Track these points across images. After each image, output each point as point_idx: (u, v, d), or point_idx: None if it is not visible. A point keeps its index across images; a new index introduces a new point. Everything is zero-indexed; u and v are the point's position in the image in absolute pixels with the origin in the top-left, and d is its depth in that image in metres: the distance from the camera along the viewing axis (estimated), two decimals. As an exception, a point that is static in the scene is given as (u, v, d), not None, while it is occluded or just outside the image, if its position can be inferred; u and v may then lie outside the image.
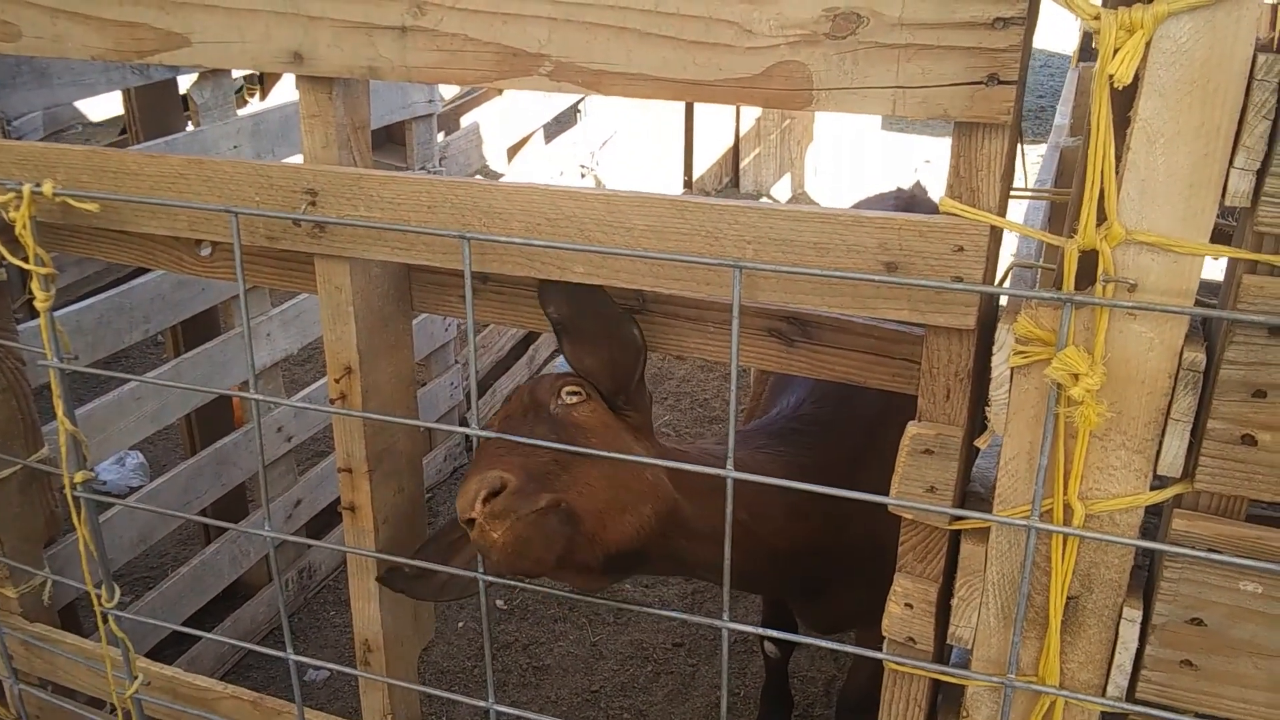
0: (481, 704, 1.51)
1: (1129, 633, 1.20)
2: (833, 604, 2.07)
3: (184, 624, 2.92)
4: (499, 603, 3.52)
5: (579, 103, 5.09)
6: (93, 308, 2.46)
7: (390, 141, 3.66)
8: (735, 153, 7.45)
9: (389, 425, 1.65)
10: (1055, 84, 10.33)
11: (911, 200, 2.66)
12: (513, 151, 4.57)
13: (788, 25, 1.12)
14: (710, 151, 7.24)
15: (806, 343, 1.43)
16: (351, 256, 1.48)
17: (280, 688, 3.05)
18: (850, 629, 2.27)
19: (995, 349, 1.14)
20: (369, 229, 1.42)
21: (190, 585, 2.92)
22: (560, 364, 1.86)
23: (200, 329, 2.97)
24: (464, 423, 4.28)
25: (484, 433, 1.38)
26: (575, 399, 1.50)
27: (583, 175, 5.16)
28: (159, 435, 3.33)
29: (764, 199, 7.41)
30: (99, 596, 1.79)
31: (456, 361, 4.15)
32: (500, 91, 4.39)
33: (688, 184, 7.07)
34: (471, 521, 1.35)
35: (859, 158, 7.92)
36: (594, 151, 5.26)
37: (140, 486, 3.64)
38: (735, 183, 7.51)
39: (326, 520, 3.55)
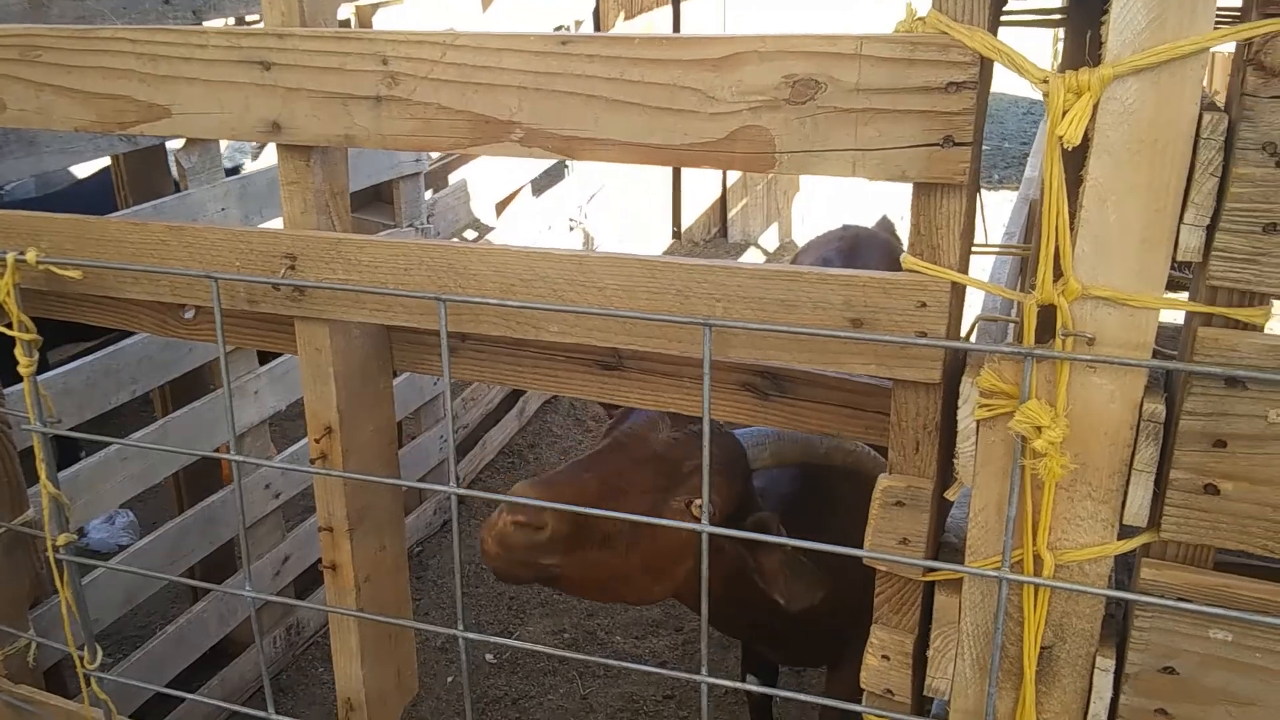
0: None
1: (1103, 682, 1.20)
2: (790, 641, 2.15)
3: (172, 681, 2.90)
4: (488, 656, 3.50)
5: (566, 157, 5.15)
6: (79, 370, 2.48)
7: (379, 199, 3.71)
8: (723, 203, 7.54)
9: (370, 484, 1.66)
10: (1036, 130, 10.46)
11: (855, 240, 2.69)
12: (501, 207, 4.62)
13: (749, 91, 1.15)
14: (698, 203, 7.31)
15: (780, 397, 1.45)
16: (331, 318, 1.50)
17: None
18: (810, 664, 2.33)
19: (960, 402, 1.16)
20: (348, 292, 1.44)
21: (177, 644, 2.90)
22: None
23: (188, 388, 2.99)
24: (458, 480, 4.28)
25: (465, 491, 1.39)
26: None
27: (571, 229, 5.21)
28: (149, 493, 3.33)
29: (751, 249, 7.48)
30: (82, 659, 1.78)
31: (446, 415, 4.15)
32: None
33: (676, 235, 7.14)
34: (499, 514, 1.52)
35: (845, 206, 8.00)
36: (582, 205, 5.32)
37: (129, 545, 3.62)
38: (724, 233, 7.58)
39: (315, 576, 3.54)
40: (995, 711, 1.23)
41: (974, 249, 1.31)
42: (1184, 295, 1.15)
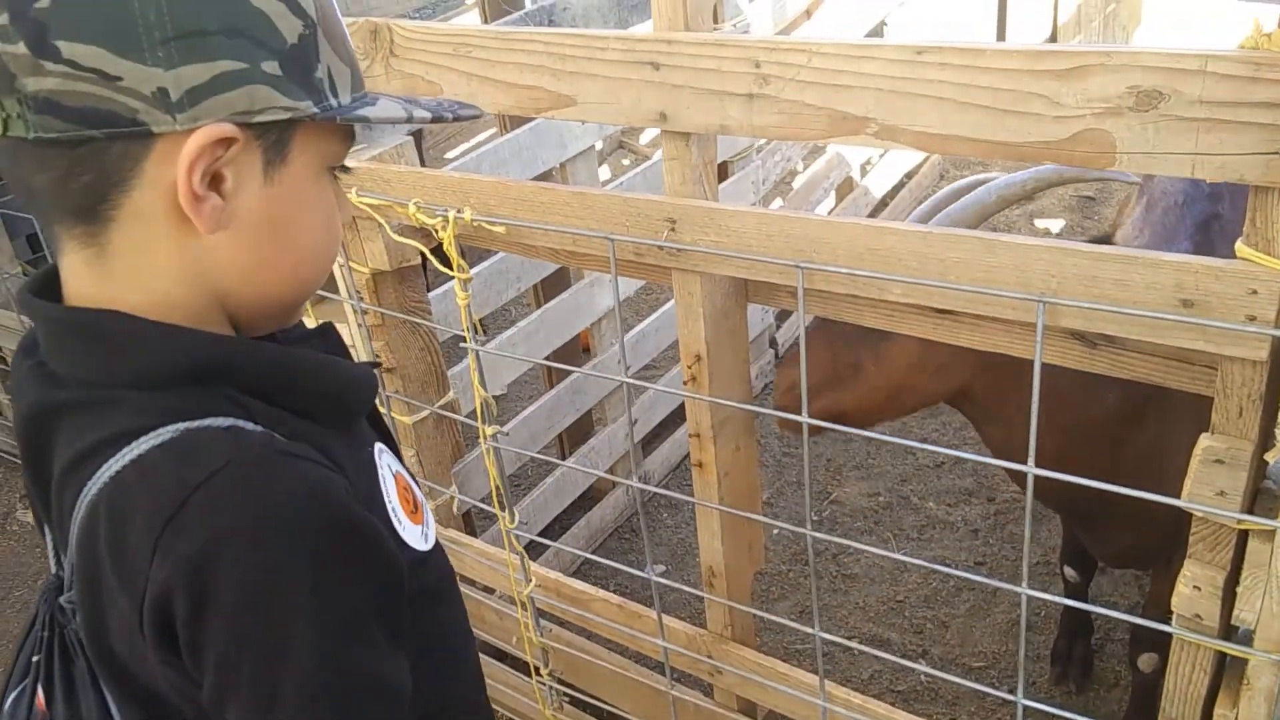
0: (807, 629, 1.83)
1: None
2: (1108, 537, 2.34)
3: (549, 525, 3.50)
4: (813, 515, 3.86)
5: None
6: (480, 274, 2.96)
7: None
8: (1053, 41, 7.08)
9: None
10: None
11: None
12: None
13: (1094, 99, 1.27)
14: (1024, 39, 6.92)
15: (1109, 347, 1.58)
16: (702, 271, 1.78)
17: (621, 580, 3.59)
18: (1133, 567, 2.46)
19: (1286, 381, 1.27)
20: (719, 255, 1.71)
21: (555, 491, 3.49)
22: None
23: (555, 284, 3.47)
24: (773, 343, 4.59)
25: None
26: None
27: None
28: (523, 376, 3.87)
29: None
30: (503, 519, 2.27)
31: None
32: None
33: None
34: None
35: (1195, 33, 7.28)
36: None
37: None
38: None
39: (656, 433, 4.03)
40: (1301, 647, 1.37)
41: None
42: None
